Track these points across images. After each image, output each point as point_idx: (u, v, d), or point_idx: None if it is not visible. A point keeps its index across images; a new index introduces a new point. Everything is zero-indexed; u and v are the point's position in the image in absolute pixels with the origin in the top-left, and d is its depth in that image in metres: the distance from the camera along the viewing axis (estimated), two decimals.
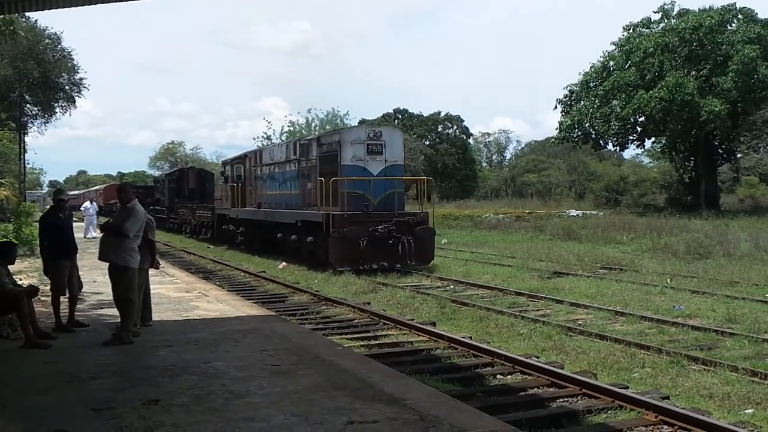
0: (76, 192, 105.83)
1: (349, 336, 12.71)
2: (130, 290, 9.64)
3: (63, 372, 8.08)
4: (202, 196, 45.77)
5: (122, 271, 9.62)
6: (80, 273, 11.17)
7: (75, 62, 47.59)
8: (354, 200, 22.26)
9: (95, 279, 14.65)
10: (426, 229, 22.50)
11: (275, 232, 26.89)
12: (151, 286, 11.64)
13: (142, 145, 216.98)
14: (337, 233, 21.46)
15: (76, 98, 49.02)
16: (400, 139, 23.81)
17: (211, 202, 43.54)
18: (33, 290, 10.22)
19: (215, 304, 13.49)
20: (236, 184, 32.83)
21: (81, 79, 48.10)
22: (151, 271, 11.36)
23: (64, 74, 47.29)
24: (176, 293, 14.87)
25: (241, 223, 31.80)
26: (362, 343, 12.20)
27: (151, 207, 51.82)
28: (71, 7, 11.32)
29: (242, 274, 23.00)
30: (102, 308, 12.40)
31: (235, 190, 32.91)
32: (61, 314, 10.63)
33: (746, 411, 8.31)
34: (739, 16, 46.55)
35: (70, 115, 51.49)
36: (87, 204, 35.53)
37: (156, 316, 11.42)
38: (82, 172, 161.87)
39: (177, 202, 47.05)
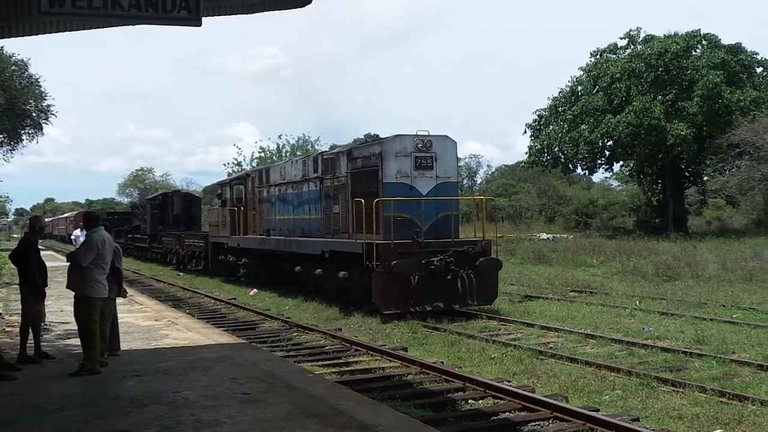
0: (46, 220, 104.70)
1: (320, 363, 12.66)
2: (90, 321, 9.49)
3: (29, 404, 7.96)
4: (188, 222, 42.80)
5: (81, 301, 9.52)
6: (47, 302, 11.05)
7: (42, 89, 46.96)
8: (400, 226, 17.97)
9: (62, 308, 14.47)
10: (490, 261, 18.50)
11: (291, 264, 22.95)
12: (120, 315, 11.54)
13: (110, 171, 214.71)
14: (382, 267, 17.29)
15: (44, 125, 48.39)
16: (454, 150, 19.41)
17: (198, 228, 41.51)
18: None
19: (185, 332, 13.38)
20: (236, 208, 28.79)
21: (49, 105, 47.34)
22: (120, 300, 11.27)
23: (31, 101, 46.62)
24: (145, 322, 14.73)
25: (243, 254, 27.73)
26: (334, 369, 12.15)
27: (130, 235, 49.67)
28: (39, 34, 11.26)
29: (212, 301, 22.84)
30: (69, 338, 12.25)
31: (236, 216, 28.71)
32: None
33: (715, 431, 8.38)
34: (704, 42, 47.28)
35: (37, 142, 50.42)
36: (77, 232, 32.21)
37: (124, 345, 11.31)
38: (49, 200, 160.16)
39: (161, 229, 42.99)
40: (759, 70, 47.90)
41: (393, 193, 18.15)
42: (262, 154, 63.19)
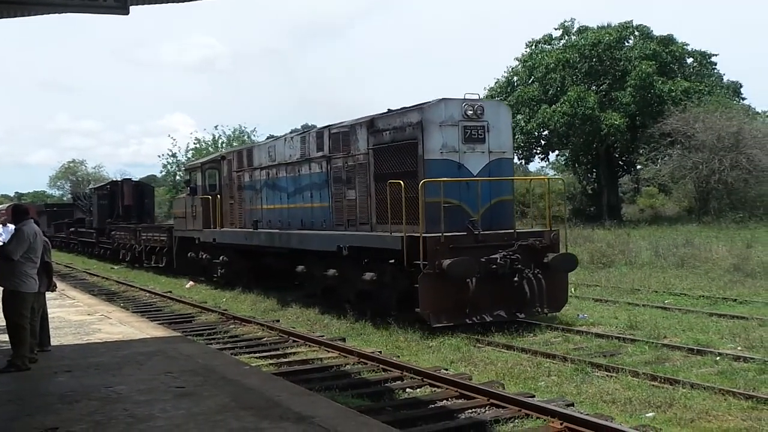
0: None
1: (257, 355, 12.57)
2: (19, 316, 9.27)
3: None
4: (141, 214, 39.28)
5: (11, 296, 9.29)
6: None
7: None
8: (449, 215, 14.09)
9: None
10: (563, 257, 14.92)
11: (291, 263, 19.00)
12: (51, 310, 11.29)
13: (41, 163, 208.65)
14: (431, 268, 13.48)
15: None
16: (508, 119, 15.73)
17: (152, 220, 39.61)
18: None
19: (118, 326, 13.14)
20: (211, 197, 24.46)
21: None
22: (51, 294, 11.01)
23: None
24: (77, 316, 14.43)
25: (221, 250, 23.49)
26: (271, 361, 12.08)
27: (73, 229, 47.09)
28: None
29: (147, 294, 22.50)
30: None
31: (210, 205, 24.28)
32: None
33: (647, 414, 8.54)
34: (636, 33, 48.14)
35: None
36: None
37: (55, 340, 11.06)
38: None
39: (110, 222, 38.75)
40: (689, 61, 49.02)
41: (437, 172, 14.27)
42: (198, 145, 62.36)
